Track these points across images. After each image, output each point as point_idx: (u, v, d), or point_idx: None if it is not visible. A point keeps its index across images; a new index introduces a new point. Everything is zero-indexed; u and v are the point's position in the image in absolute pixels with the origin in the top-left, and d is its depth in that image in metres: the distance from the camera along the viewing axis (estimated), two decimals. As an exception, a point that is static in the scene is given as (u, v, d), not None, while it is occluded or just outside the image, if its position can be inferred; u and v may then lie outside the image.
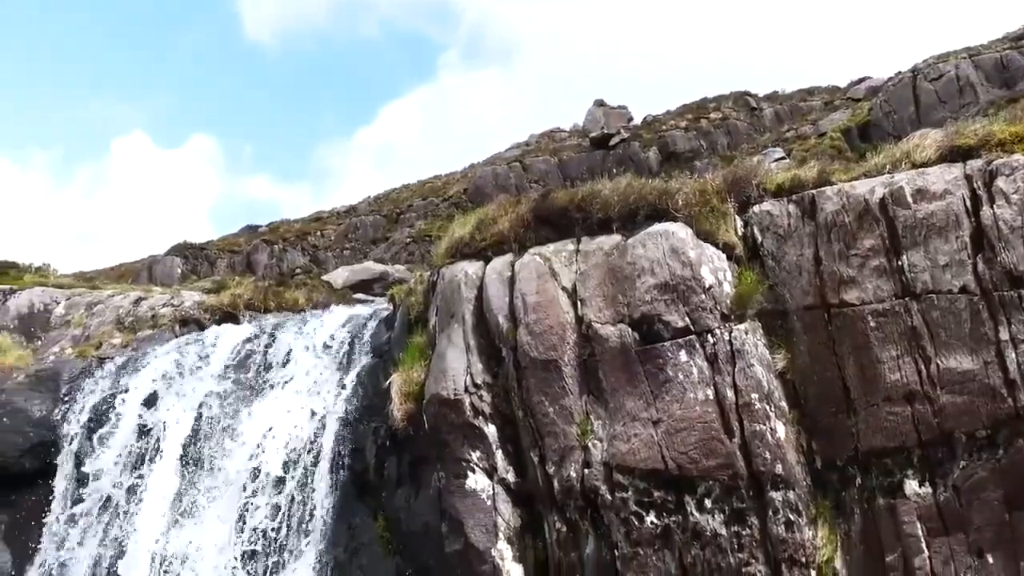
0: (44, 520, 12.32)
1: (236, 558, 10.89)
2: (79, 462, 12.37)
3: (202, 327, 14.32)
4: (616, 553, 8.92)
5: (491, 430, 9.77)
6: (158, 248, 45.38)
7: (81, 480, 12.26)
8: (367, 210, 48.53)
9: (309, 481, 11.04)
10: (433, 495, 9.88)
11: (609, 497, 9.03)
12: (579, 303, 9.72)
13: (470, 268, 10.54)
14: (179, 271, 41.95)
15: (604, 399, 9.38)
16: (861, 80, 44.54)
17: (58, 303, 15.89)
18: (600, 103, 49.10)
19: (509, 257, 10.39)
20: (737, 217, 10.06)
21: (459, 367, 9.95)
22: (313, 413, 11.46)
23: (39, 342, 15.06)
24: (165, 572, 11.17)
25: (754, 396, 8.93)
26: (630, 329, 9.40)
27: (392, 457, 10.68)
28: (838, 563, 8.67)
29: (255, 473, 11.29)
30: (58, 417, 12.89)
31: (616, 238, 10.02)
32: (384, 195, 51.46)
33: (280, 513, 10.99)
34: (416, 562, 10.13)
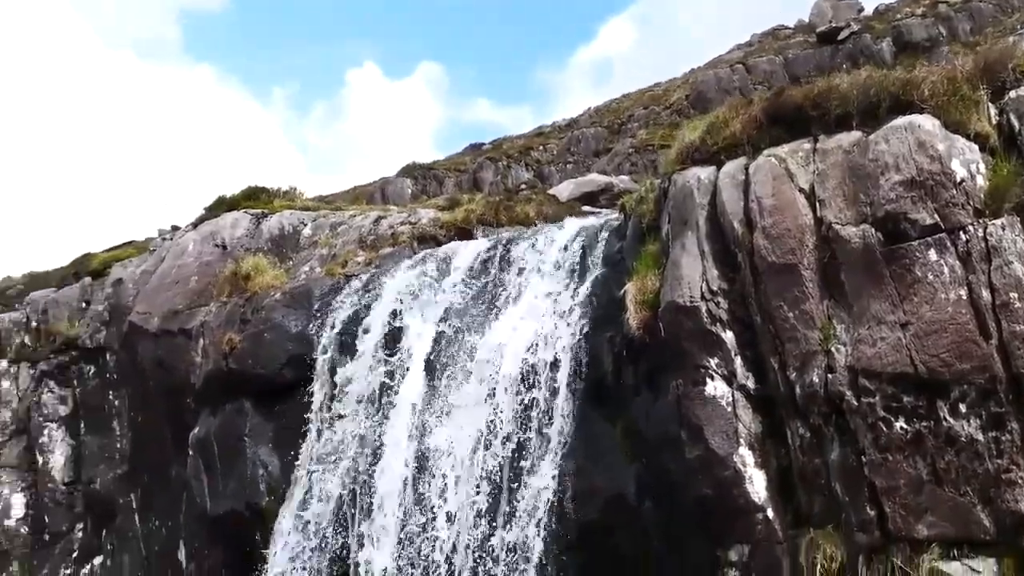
0: (305, 428, 13.28)
1: (481, 465, 11.37)
2: (333, 373, 13.21)
3: (439, 243, 14.81)
4: (864, 459, 8.71)
5: (729, 336, 9.68)
6: (387, 171, 46.96)
7: (336, 390, 13.10)
8: (588, 122, 48.32)
9: (548, 390, 11.33)
10: (671, 402, 9.90)
11: (855, 402, 8.79)
12: (818, 204, 9.38)
13: (702, 173, 10.35)
14: (409, 191, 43.40)
15: (847, 303, 9.08)
16: None
17: (305, 225, 16.80)
18: (827, -6, 46.41)
19: (742, 160, 10.11)
20: (990, 105, 9.32)
21: (694, 274, 9.87)
22: (549, 323, 11.69)
23: (290, 262, 16.02)
24: (416, 477, 11.83)
25: (1013, 295, 8.36)
26: (873, 229, 8.99)
27: (629, 365, 10.78)
28: (1111, 470, 8.10)
29: (496, 382, 11.68)
30: (312, 332, 13.75)
31: (856, 134, 9.55)
32: (604, 106, 51.04)
33: (521, 421, 11.35)
34: (657, 468, 10.26)
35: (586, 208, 18.35)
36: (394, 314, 13.04)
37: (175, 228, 19.57)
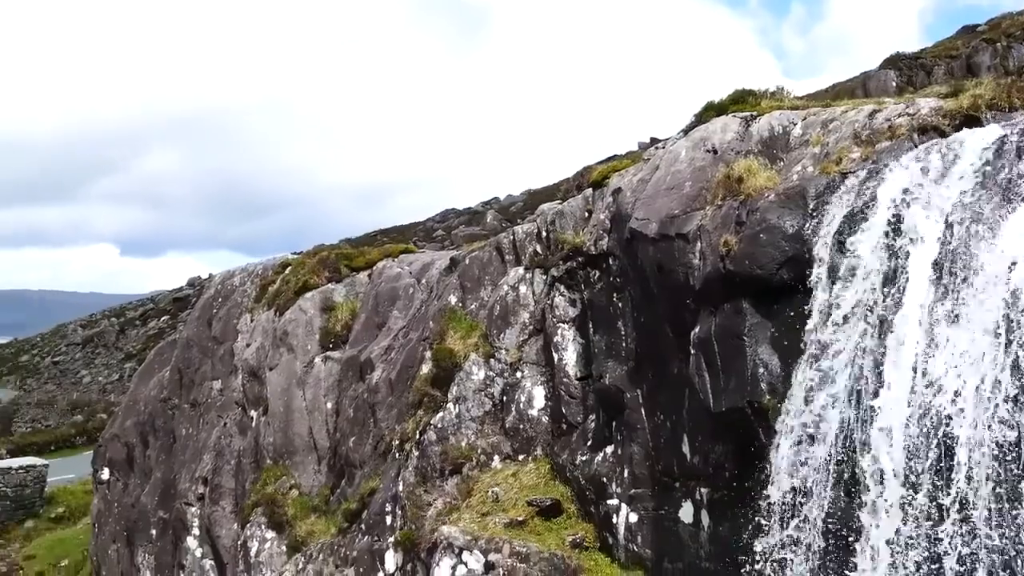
0: (803, 328, 13.22)
1: (1002, 385, 10.63)
2: (831, 274, 12.97)
3: (942, 134, 13.76)
4: None
5: None
6: (867, 67, 44.53)
7: (834, 291, 12.86)
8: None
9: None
10: None
11: None
12: None
13: None
14: (893, 84, 41.01)
15: None
16: None
17: (795, 124, 16.49)
18: None
19: None
20: None
21: None
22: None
23: (781, 163, 15.88)
24: (921, 391, 11.34)
25: None
26: None
27: None
28: None
29: (1015, 287, 10.84)
30: (808, 232, 13.57)
31: None
32: None
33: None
34: None
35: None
36: (895, 212, 12.42)
37: (653, 140, 20.30)
